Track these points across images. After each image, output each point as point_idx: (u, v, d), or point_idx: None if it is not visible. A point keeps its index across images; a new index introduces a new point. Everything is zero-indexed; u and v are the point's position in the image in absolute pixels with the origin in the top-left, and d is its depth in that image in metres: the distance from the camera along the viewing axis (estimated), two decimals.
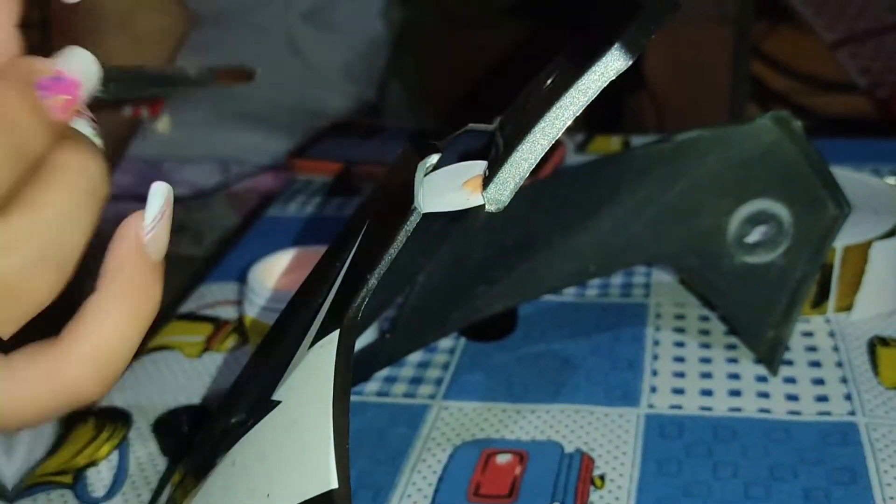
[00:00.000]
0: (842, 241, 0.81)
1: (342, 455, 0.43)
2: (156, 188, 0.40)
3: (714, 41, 2.02)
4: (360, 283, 0.48)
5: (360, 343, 0.79)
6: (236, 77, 0.47)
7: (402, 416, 0.77)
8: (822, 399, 0.75)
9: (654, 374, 0.80)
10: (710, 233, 0.82)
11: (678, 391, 0.77)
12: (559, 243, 0.85)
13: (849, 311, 0.85)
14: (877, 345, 0.81)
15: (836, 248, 0.81)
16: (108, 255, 0.39)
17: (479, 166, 0.49)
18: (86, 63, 0.37)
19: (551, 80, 0.48)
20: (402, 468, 0.71)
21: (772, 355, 0.78)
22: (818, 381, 0.77)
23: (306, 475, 0.43)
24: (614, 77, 0.44)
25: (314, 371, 0.47)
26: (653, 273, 0.95)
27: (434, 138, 0.53)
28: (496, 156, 0.49)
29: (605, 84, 0.44)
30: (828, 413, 0.73)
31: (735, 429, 0.72)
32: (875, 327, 0.84)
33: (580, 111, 0.45)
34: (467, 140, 0.53)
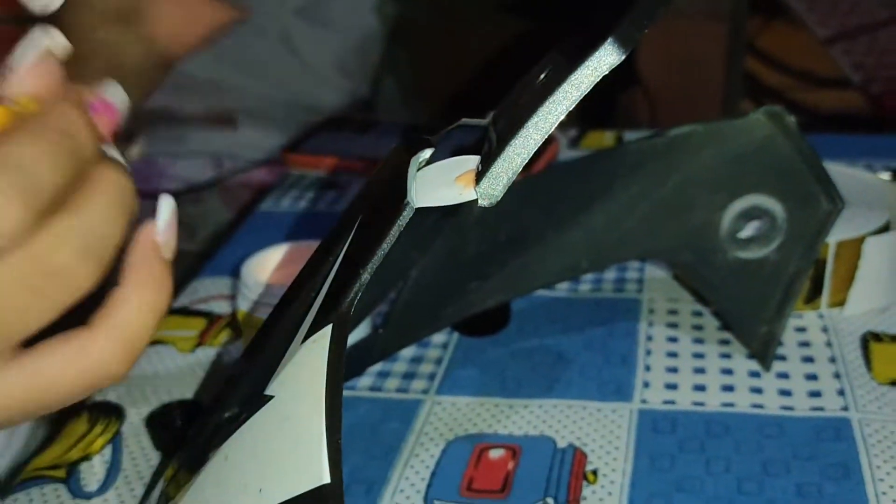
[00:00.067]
0: (835, 237, 0.81)
1: (335, 450, 0.43)
2: (165, 200, 0.47)
3: (708, 37, 2.02)
4: (352, 278, 0.48)
5: (352, 338, 0.79)
6: (222, 122, 0.57)
7: (394, 410, 0.77)
8: (815, 394, 0.75)
9: (647, 369, 0.80)
10: (703, 228, 0.82)
11: (671, 386, 0.77)
12: (552, 238, 0.85)
13: (842, 307, 0.85)
14: (870, 340, 0.81)
15: (829, 243, 0.81)
16: (129, 255, 0.45)
17: (472, 161, 0.49)
18: (121, 96, 0.46)
19: (544, 75, 0.48)
20: (395, 463, 0.71)
21: (765, 350, 0.78)
22: (811, 377, 0.77)
23: (299, 470, 0.43)
24: (607, 72, 0.44)
25: (307, 366, 0.47)
26: (646, 268, 0.95)
27: (427, 133, 0.53)
28: (489, 150, 0.49)
29: (598, 79, 0.45)
30: (821, 408, 0.73)
31: (728, 424, 0.73)
32: (868, 323, 0.84)
33: (573, 106, 0.45)
34: (460, 135, 0.53)
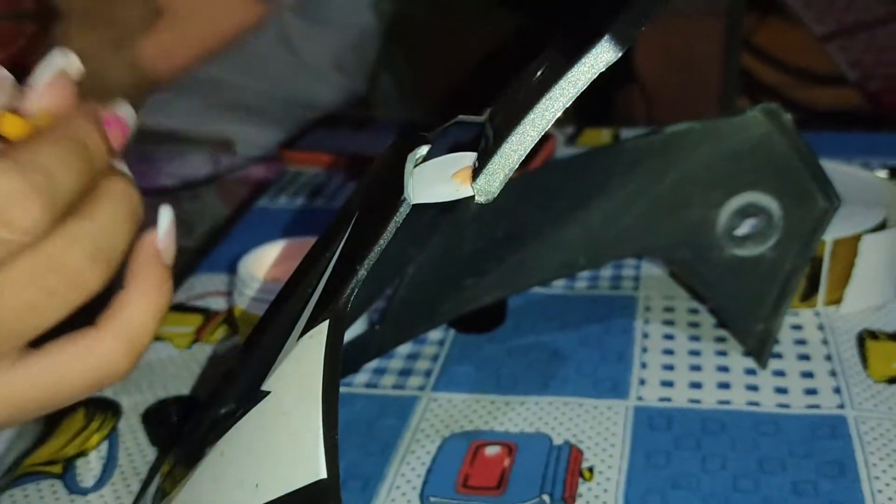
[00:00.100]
0: (831, 235, 0.81)
1: (331, 446, 0.43)
2: (164, 210, 0.50)
3: (705, 34, 2.02)
4: (349, 274, 0.48)
5: (349, 334, 0.79)
6: (220, 147, 0.62)
7: (391, 407, 0.77)
8: (811, 392, 0.75)
9: (644, 366, 0.80)
10: (699, 225, 0.82)
11: (667, 384, 0.77)
12: (549, 235, 0.85)
13: (838, 305, 0.85)
14: (866, 338, 0.82)
15: (825, 241, 0.81)
16: (132, 260, 0.48)
17: (469, 157, 0.49)
18: (130, 113, 0.49)
19: (541, 72, 0.48)
20: (391, 459, 0.71)
21: (761, 348, 0.78)
22: (807, 375, 0.77)
23: (295, 465, 0.44)
24: (604, 69, 0.44)
25: (303, 361, 0.47)
26: (642, 266, 0.95)
27: (424, 130, 0.53)
28: (486, 147, 0.49)
29: (595, 76, 0.44)
30: (817, 406, 0.73)
31: (724, 421, 0.73)
32: (864, 320, 0.84)
33: (570, 103, 0.45)
34: (457, 131, 0.53)
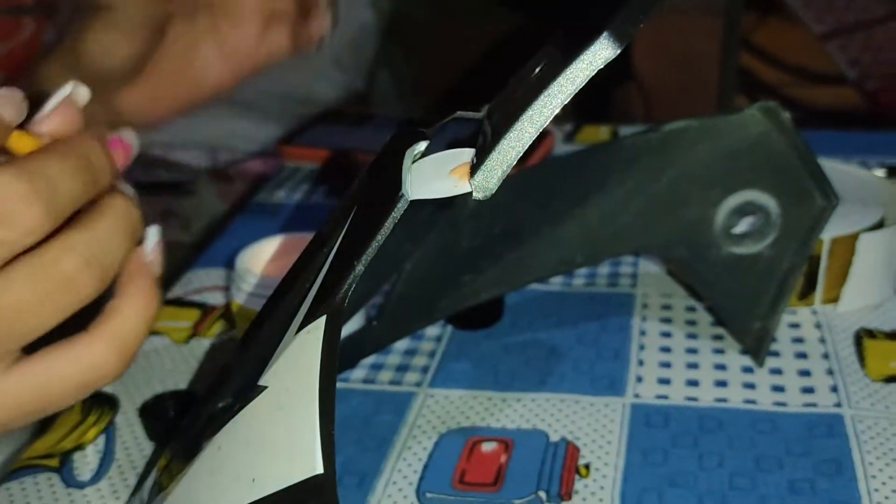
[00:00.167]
0: (829, 233, 0.81)
1: (328, 441, 0.43)
2: (153, 228, 0.52)
3: (703, 32, 2.02)
4: (347, 270, 0.48)
5: (346, 330, 0.79)
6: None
7: (387, 403, 0.77)
8: (808, 391, 0.75)
9: (641, 364, 0.80)
10: (697, 223, 0.82)
11: (664, 381, 0.77)
12: (547, 232, 0.85)
13: (836, 303, 0.85)
14: (863, 337, 0.82)
15: (823, 239, 0.81)
16: (122, 272, 0.50)
17: (467, 154, 0.49)
18: (133, 138, 0.52)
19: (539, 69, 0.48)
20: (388, 455, 0.71)
21: (758, 346, 0.79)
22: (804, 373, 0.77)
23: (292, 460, 0.44)
24: (602, 66, 0.44)
25: (301, 356, 0.47)
26: (640, 263, 0.95)
27: (422, 126, 0.53)
28: (484, 144, 0.49)
29: (593, 73, 0.45)
30: (814, 404, 0.74)
31: (721, 419, 0.73)
32: (862, 319, 0.84)
33: (568, 100, 0.45)
34: (455, 128, 0.53)
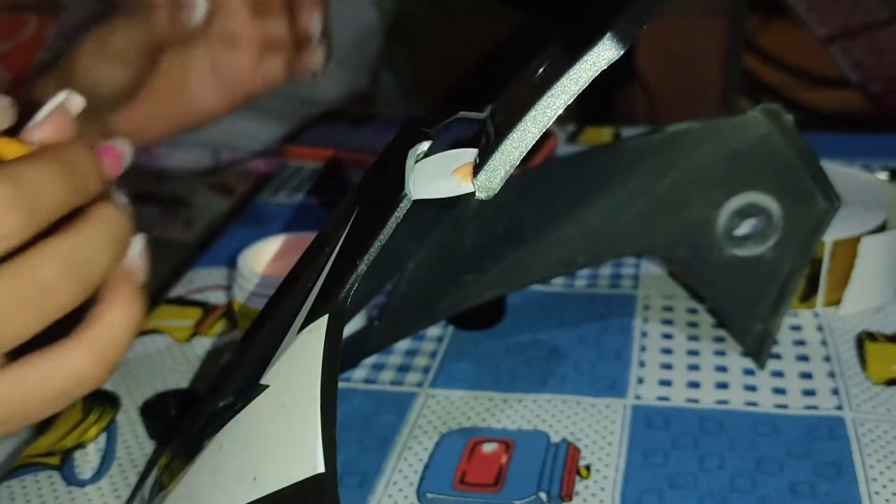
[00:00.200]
0: (831, 236, 0.81)
1: (329, 440, 0.43)
2: (139, 237, 0.50)
3: (707, 34, 2.02)
4: (349, 269, 0.48)
5: (348, 330, 0.79)
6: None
7: (389, 403, 0.77)
8: (809, 393, 0.75)
9: (642, 365, 0.80)
10: (699, 225, 0.82)
11: (665, 383, 0.77)
12: (549, 233, 0.85)
13: (837, 306, 0.85)
14: (865, 339, 0.82)
15: (825, 242, 0.81)
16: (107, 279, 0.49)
17: (470, 154, 0.49)
18: (127, 148, 0.50)
19: (543, 70, 0.48)
20: (389, 455, 0.71)
21: (760, 348, 0.78)
22: (806, 375, 0.77)
23: (293, 459, 0.44)
24: (605, 67, 0.44)
25: (302, 356, 0.47)
26: (642, 264, 0.95)
27: (425, 126, 0.53)
28: (487, 144, 0.49)
29: (597, 74, 0.44)
30: (815, 407, 0.74)
31: (722, 421, 0.73)
32: (863, 322, 0.84)
33: (571, 100, 0.45)
34: (458, 128, 0.54)
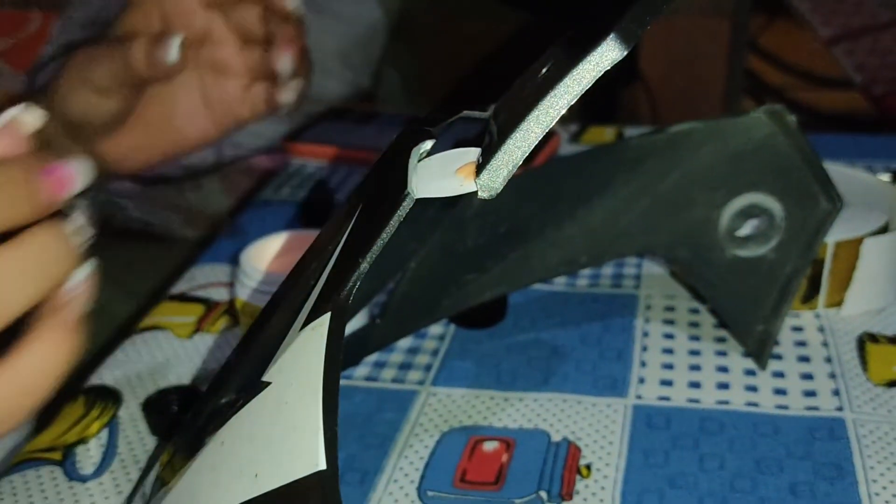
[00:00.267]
0: (833, 237, 0.81)
1: (331, 437, 0.43)
2: (85, 265, 0.46)
3: (710, 34, 2.02)
4: (351, 267, 0.48)
5: (350, 328, 0.79)
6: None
7: (390, 401, 0.77)
8: (810, 394, 0.75)
9: (643, 365, 0.80)
10: (701, 225, 0.82)
11: (666, 383, 0.78)
12: (551, 232, 0.85)
13: (839, 307, 0.85)
14: (866, 341, 0.82)
15: (827, 243, 0.81)
16: (40, 307, 0.45)
17: (473, 153, 0.49)
18: (81, 168, 0.45)
19: (546, 70, 0.48)
20: (390, 453, 0.71)
21: (761, 349, 0.79)
22: (807, 376, 0.77)
23: (295, 456, 0.44)
24: (609, 67, 0.44)
25: (305, 353, 0.47)
26: (643, 264, 0.95)
27: (429, 124, 0.53)
28: (490, 143, 0.49)
29: (600, 74, 0.45)
30: (815, 408, 0.74)
31: (722, 421, 0.73)
32: (865, 323, 0.84)
33: (574, 100, 0.45)
34: (462, 127, 0.54)
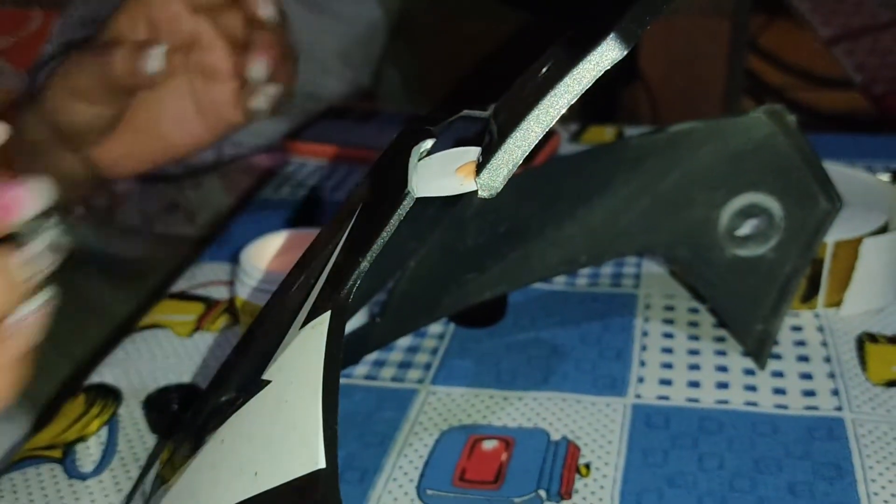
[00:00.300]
0: (833, 237, 0.81)
1: (331, 435, 0.43)
2: (36, 297, 0.45)
3: (710, 34, 2.02)
4: (352, 266, 0.48)
5: (350, 326, 0.80)
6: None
7: (389, 399, 0.77)
8: (809, 394, 0.75)
9: (642, 364, 0.80)
10: (701, 225, 0.82)
11: (666, 382, 0.78)
12: (551, 232, 0.85)
13: (838, 307, 0.85)
14: (865, 341, 0.82)
15: (827, 243, 0.81)
16: None
17: (473, 152, 0.49)
18: (40, 192, 0.43)
19: (546, 69, 0.49)
20: (389, 451, 0.71)
21: (760, 349, 0.79)
22: (806, 376, 0.77)
23: (294, 454, 0.44)
24: (609, 67, 0.45)
25: (305, 352, 0.47)
26: (643, 264, 0.95)
27: (429, 123, 0.53)
28: (490, 142, 0.49)
29: (600, 73, 0.45)
30: (815, 408, 0.74)
31: (722, 421, 0.73)
32: (864, 323, 0.84)
33: (574, 100, 0.45)
34: (462, 126, 0.54)
